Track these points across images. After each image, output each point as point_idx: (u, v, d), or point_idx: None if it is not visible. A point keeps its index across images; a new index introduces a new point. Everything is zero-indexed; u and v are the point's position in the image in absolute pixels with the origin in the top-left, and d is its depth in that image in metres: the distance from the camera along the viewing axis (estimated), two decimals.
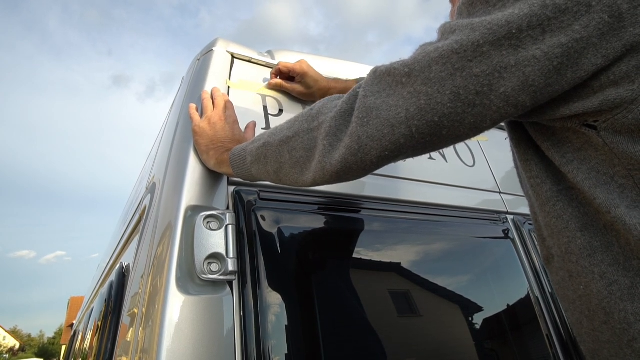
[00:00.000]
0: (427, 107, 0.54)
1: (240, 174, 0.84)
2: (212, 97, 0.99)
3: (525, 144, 0.65)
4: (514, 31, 0.50)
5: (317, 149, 0.67)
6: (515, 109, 0.53)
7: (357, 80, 1.20)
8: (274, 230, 0.87)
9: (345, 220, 1.03)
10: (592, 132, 0.54)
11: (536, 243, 1.30)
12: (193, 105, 0.99)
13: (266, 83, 1.17)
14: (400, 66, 0.58)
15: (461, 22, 0.55)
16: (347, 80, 1.21)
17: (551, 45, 0.49)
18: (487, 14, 0.54)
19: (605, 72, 0.50)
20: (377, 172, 1.14)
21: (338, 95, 0.72)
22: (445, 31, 0.57)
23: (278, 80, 1.15)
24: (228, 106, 0.98)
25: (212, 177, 0.90)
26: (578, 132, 0.56)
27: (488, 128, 0.56)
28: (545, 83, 0.50)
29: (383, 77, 0.61)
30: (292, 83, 1.16)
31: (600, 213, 0.55)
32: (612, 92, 0.50)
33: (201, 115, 0.96)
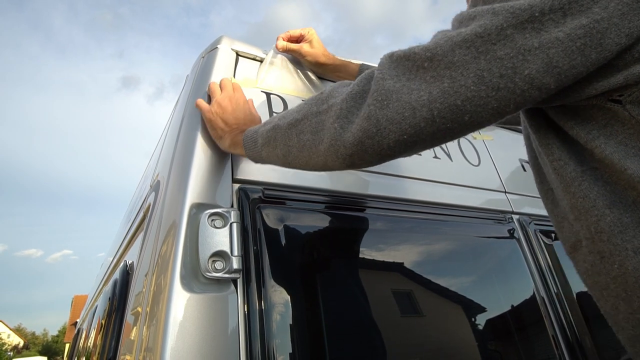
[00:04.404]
0: (450, 89, 0.54)
1: (252, 156, 0.84)
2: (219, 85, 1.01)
3: (545, 128, 0.64)
4: (536, 14, 0.51)
5: (326, 132, 0.66)
6: (539, 92, 0.53)
7: (347, 61, 1.24)
8: (279, 228, 0.87)
9: (350, 219, 1.03)
10: (618, 107, 0.54)
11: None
12: (199, 99, 1.00)
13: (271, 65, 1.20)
14: (421, 50, 0.58)
15: (479, 8, 0.56)
16: (343, 60, 1.24)
17: (573, 27, 0.50)
18: (503, 0, 0.55)
19: (630, 50, 0.51)
20: (381, 170, 1.14)
21: (349, 81, 0.72)
22: (464, 19, 0.57)
23: (284, 43, 1.19)
24: (236, 88, 0.98)
25: (217, 174, 0.90)
26: (603, 108, 0.56)
27: (511, 113, 0.56)
28: (569, 65, 0.51)
29: (401, 61, 0.60)
30: (297, 45, 1.21)
31: (630, 187, 0.54)
32: (637, 68, 0.51)
33: (209, 102, 0.96)
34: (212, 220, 0.80)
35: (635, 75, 0.51)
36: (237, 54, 1.16)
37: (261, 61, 1.20)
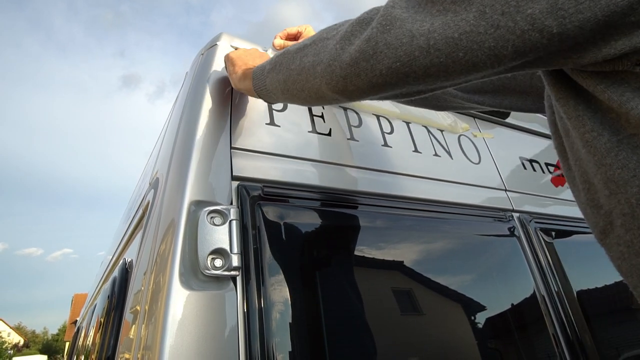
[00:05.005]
0: (450, 22, 0.54)
1: (257, 85, 0.86)
2: None
3: (574, 100, 0.62)
4: None
5: (327, 54, 0.67)
6: (541, 35, 0.51)
7: None
8: (278, 226, 0.86)
9: (349, 217, 1.02)
10: None
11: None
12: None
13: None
14: None
15: None
16: None
17: None
18: None
19: None
20: (381, 168, 1.14)
21: None
22: None
23: (281, 41, 1.20)
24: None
25: (216, 171, 0.89)
26: (633, 73, 0.53)
27: (508, 58, 0.54)
28: (575, 9, 0.49)
29: None
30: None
31: None
32: None
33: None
34: (212, 217, 0.80)
35: None
36: None
37: None
